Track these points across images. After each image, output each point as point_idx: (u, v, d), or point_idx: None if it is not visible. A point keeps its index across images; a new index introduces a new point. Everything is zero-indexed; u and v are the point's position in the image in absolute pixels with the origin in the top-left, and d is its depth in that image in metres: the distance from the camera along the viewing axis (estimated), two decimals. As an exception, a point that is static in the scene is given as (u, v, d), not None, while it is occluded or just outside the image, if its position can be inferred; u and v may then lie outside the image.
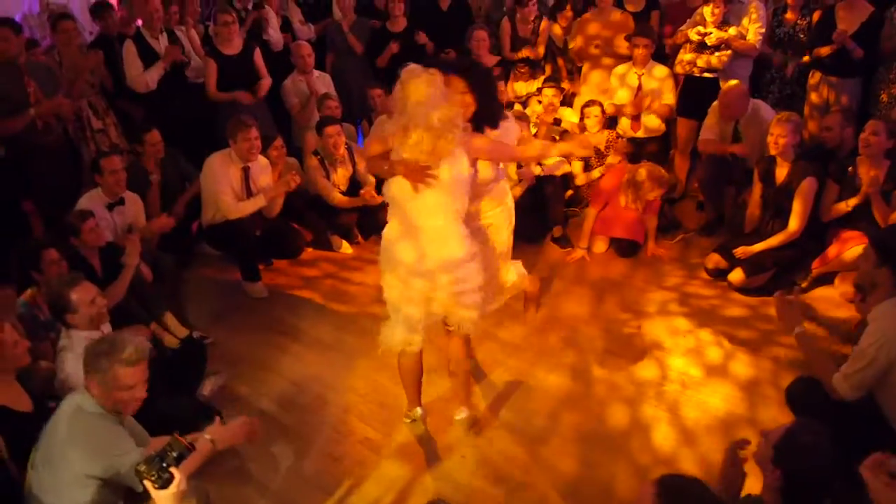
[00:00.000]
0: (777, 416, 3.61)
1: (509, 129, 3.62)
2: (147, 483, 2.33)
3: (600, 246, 5.41)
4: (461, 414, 3.72)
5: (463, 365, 3.65)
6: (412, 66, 3.16)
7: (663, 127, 6.02)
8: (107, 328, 3.57)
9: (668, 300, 4.80)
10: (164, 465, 2.34)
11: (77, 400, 2.68)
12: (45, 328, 3.72)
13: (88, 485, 2.59)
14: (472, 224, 3.45)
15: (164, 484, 2.33)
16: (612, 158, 5.72)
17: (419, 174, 3.11)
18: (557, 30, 6.43)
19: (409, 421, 3.77)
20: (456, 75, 3.30)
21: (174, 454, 2.38)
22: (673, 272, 5.15)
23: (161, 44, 5.91)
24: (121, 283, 4.18)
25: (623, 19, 6.15)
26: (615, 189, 5.31)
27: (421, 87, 3.06)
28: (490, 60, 6.32)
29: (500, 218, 3.66)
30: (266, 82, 6.05)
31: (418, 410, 3.77)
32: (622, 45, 6.07)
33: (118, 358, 2.66)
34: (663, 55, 6.17)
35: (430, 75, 3.10)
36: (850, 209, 4.61)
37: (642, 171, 5.16)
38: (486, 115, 3.42)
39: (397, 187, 3.21)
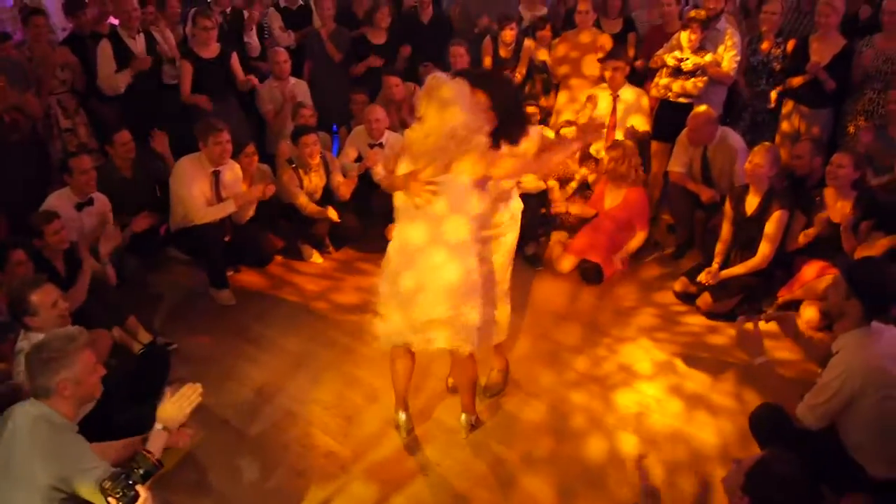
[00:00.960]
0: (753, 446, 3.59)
1: (532, 136, 3.57)
2: (111, 500, 2.27)
3: (566, 265, 5.40)
4: (462, 417, 3.74)
5: (469, 377, 3.61)
6: (438, 74, 3.16)
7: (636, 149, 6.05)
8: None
9: (641, 324, 4.80)
10: (130, 482, 2.29)
11: (33, 411, 2.59)
12: (5, 329, 3.63)
13: (52, 498, 2.50)
14: (483, 248, 3.39)
15: (130, 501, 2.28)
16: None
17: (419, 189, 3.10)
18: (534, 46, 6.47)
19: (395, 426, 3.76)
20: (479, 90, 3.26)
21: (140, 471, 2.33)
22: (646, 296, 5.16)
23: (138, 44, 5.84)
24: (80, 287, 4.10)
25: (592, 40, 6.20)
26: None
27: (447, 96, 3.04)
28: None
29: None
30: (245, 85, 6.03)
31: (402, 415, 3.75)
32: (592, 67, 6.13)
33: (78, 345, 2.64)
34: (637, 78, 6.23)
35: (456, 84, 3.08)
36: (809, 240, 4.68)
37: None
38: (506, 132, 3.36)
39: (402, 199, 3.21)
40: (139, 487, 2.29)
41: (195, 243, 5.12)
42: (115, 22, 5.97)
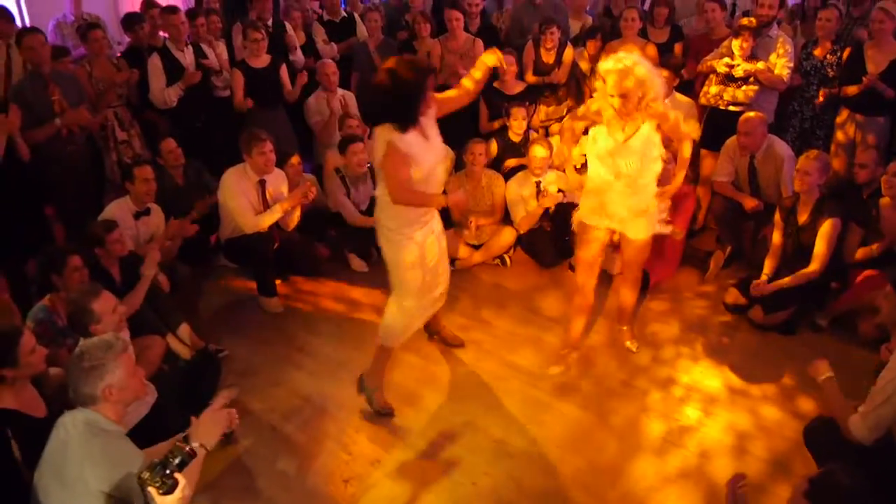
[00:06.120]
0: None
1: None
2: (151, 490, 2.32)
3: (617, 267, 5.35)
4: (628, 341, 4.53)
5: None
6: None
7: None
8: (126, 335, 3.57)
9: (686, 334, 4.74)
10: (168, 471, 2.35)
11: (83, 418, 2.63)
12: (63, 334, 3.73)
13: (103, 502, 2.56)
14: None
15: (169, 490, 2.33)
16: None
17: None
18: (585, 56, 6.45)
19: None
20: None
21: (177, 461, 2.39)
22: (693, 306, 5.09)
23: (187, 56, 5.98)
24: (138, 293, 4.19)
25: (645, 50, 6.16)
26: None
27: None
28: (515, 86, 6.36)
29: None
30: (294, 92, 6.15)
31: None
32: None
33: (116, 351, 2.68)
34: (682, 86, 6.16)
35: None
36: (877, 254, 4.56)
37: None
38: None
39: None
40: (177, 475, 2.34)
41: (244, 252, 5.19)
42: (165, 35, 6.13)
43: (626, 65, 3.59)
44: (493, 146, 6.09)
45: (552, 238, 5.56)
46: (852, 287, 4.61)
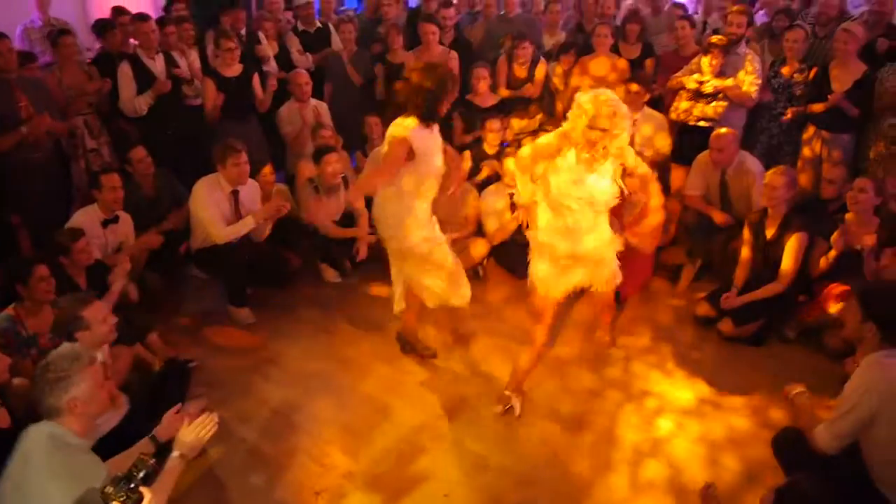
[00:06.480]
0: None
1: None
2: None
3: None
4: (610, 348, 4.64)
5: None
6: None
7: (654, 173, 6.05)
8: (105, 350, 3.53)
9: (657, 346, 4.79)
10: (132, 485, 2.32)
11: (48, 431, 2.57)
12: (27, 344, 3.67)
13: None
14: None
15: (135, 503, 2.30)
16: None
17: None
18: (558, 71, 6.51)
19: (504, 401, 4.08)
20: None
21: (141, 474, 2.36)
22: (663, 319, 5.15)
23: (157, 64, 5.92)
24: (107, 302, 4.12)
25: (609, 69, 6.24)
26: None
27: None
28: (489, 99, 6.39)
29: None
30: (265, 99, 6.12)
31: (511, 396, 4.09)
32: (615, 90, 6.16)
33: (83, 364, 2.64)
34: (656, 102, 6.25)
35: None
36: (830, 263, 4.65)
37: None
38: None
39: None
40: (142, 489, 2.30)
41: (215, 262, 5.14)
42: (136, 42, 6.07)
43: (611, 102, 3.51)
44: (467, 159, 6.11)
45: (525, 249, 5.57)
46: (819, 299, 4.68)
